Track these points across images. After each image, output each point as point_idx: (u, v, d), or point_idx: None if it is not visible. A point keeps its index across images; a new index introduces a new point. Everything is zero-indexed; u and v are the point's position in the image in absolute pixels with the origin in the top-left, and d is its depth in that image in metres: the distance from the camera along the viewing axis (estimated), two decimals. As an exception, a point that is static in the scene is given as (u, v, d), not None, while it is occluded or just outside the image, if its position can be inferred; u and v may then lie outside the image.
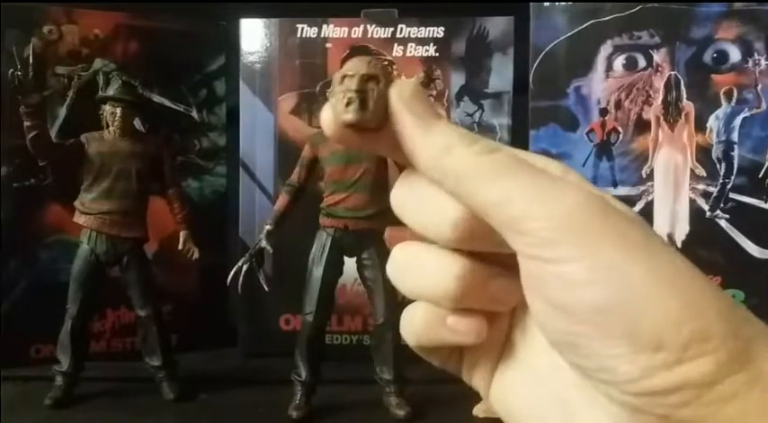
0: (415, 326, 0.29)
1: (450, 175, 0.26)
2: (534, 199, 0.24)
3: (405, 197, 0.29)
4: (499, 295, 0.29)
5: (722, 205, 1.58)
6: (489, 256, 0.28)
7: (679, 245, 1.58)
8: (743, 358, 0.23)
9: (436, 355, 0.31)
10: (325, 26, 1.65)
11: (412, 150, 0.27)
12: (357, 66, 0.27)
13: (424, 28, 1.64)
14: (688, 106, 1.58)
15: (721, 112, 1.58)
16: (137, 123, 1.52)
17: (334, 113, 0.27)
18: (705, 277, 0.24)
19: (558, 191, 0.25)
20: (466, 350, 0.30)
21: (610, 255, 0.24)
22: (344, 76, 0.27)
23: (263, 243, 1.35)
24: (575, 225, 0.24)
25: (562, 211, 0.24)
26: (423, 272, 0.29)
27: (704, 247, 1.58)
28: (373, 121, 0.27)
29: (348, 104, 0.27)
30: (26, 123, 1.35)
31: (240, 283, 1.32)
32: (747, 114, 1.57)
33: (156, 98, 1.67)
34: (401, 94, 0.27)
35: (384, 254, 1.36)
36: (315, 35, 1.65)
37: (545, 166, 0.28)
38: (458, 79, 1.65)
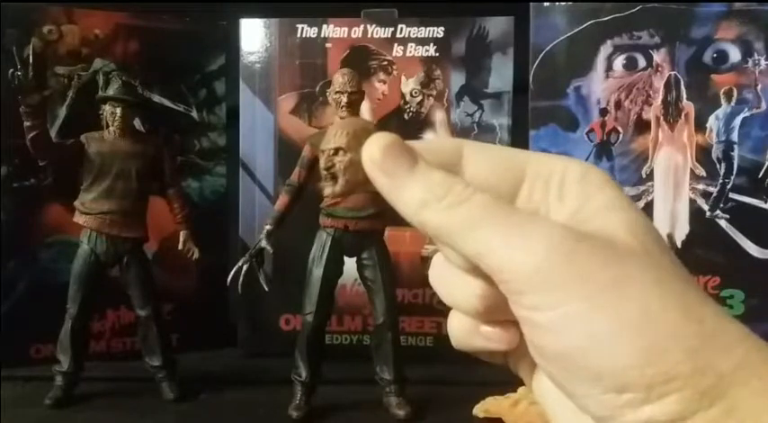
0: (454, 333, 0.31)
1: (429, 230, 0.27)
2: (503, 249, 0.26)
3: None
4: None
5: (722, 205, 1.58)
6: None
7: (679, 245, 1.58)
8: (713, 394, 0.23)
9: (481, 355, 0.33)
10: (324, 26, 1.65)
11: (394, 206, 0.28)
12: (329, 138, 0.28)
13: (424, 28, 1.64)
14: (688, 106, 1.58)
15: (721, 112, 1.58)
16: (137, 123, 1.52)
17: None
18: (685, 305, 0.25)
19: (527, 239, 0.26)
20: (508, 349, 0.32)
21: (573, 305, 0.25)
22: (323, 152, 0.28)
23: (263, 243, 1.34)
24: (540, 276, 0.25)
25: (531, 263, 0.25)
26: (450, 288, 0.30)
27: (704, 248, 1.58)
28: (346, 191, 0.28)
29: (324, 180, 0.28)
30: (26, 123, 1.34)
31: (240, 283, 1.32)
32: (747, 114, 1.57)
33: (156, 98, 1.67)
34: (372, 158, 0.27)
35: (384, 254, 1.37)
36: (315, 35, 1.65)
37: (563, 174, 0.28)
38: (458, 79, 1.64)
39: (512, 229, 0.26)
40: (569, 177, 0.28)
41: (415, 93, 1.65)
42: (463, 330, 0.31)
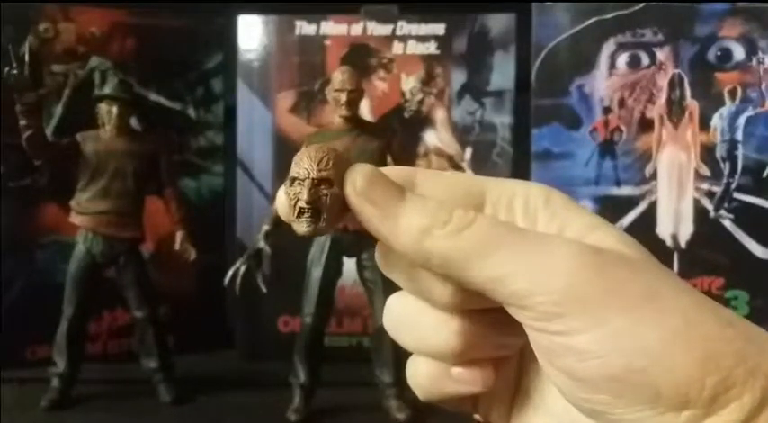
0: (420, 381, 0.29)
1: (435, 259, 0.25)
2: (529, 272, 0.24)
3: (392, 268, 0.28)
4: (502, 342, 0.28)
5: (726, 205, 1.56)
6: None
7: (683, 245, 1.57)
8: (765, 396, 0.22)
9: (448, 404, 0.30)
10: (323, 23, 1.63)
11: (384, 239, 0.25)
12: (307, 166, 0.25)
13: (424, 25, 1.62)
14: (692, 105, 1.57)
15: (725, 110, 1.56)
16: (133, 122, 1.51)
17: (285, 215, 0.26)
18: (714, 308, 0.24)
19: (551, 258, 0.24)
20: (479, 394, 0.30)
21: (615, 321, 0.23)
22: (294, 179, 0.26)
23: (261, 243, 1.33)
24: (575, 295, 0.23)
25: (560, 283, 0.23)
26: (420, 328, 0.28)
27: (708, 248, 1.56)
28: (329, 227, 0.25)
29: (300, 214, 0.25)
30: (22, 122, 1.33)
31: (238, 284, 1.31)
32: (751, 113, 1.55)
33: (153, 96, 1.66)
34: (357, 189, 0.25)
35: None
36: (313, 32, 1.63)
37: (526, 197, 0.27)
38: (459, 77, 1.63)
39: (531, 248, 0.24)
40: (533, 201, 0.27)
41: (416, 91, 1.63)
42: (432, 376, 0.28)
